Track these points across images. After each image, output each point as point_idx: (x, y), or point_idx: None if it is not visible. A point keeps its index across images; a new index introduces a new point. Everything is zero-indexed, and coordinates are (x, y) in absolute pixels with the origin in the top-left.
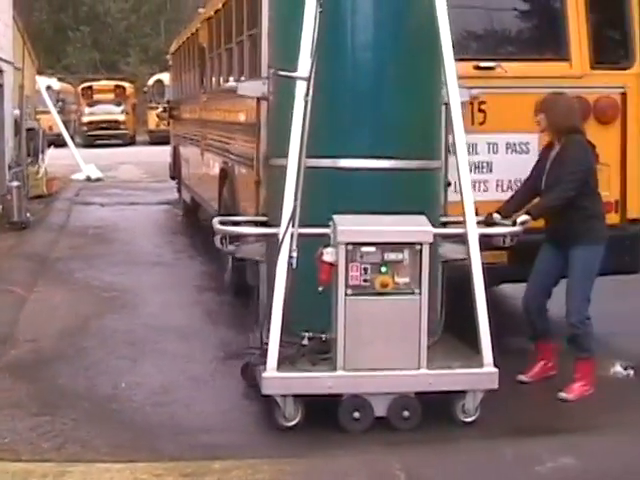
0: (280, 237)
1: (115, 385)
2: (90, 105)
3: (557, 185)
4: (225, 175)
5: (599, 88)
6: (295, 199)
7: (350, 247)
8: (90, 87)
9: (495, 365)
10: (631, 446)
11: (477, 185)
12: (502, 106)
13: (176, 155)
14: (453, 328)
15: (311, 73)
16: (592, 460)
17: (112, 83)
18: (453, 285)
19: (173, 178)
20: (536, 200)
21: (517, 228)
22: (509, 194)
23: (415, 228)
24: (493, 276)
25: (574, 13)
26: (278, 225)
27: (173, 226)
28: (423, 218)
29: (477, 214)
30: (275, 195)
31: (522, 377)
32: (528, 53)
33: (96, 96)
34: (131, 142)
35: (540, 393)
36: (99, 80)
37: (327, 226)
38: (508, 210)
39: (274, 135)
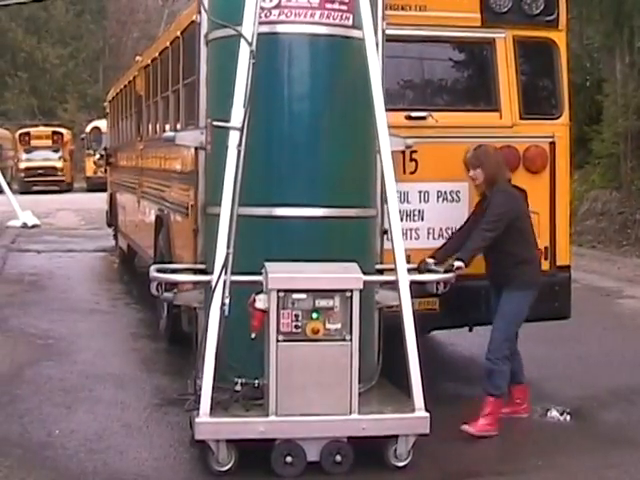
0: (213, 284)
1: (49, 432)
2: (27, 151)
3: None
4: (161, 223)
5: (528, 138)
6: (228, 247)
7: (281, 294)
8: (27, 133)
9: (427, 410)
10: None
11: (409, 233)
12: (433, 155)
13: (113, 202)
14: (391, 374)
15: (244, 123)
16: None
17: (49, 129)
18: (392, 332)
19: (110, 225)
20: None
21: (448, 275)
22: (440, 242)
23: (345, 275)
24: (425, 323)
25: (504, 65)
26: (213, 270)
27: (110, 273)
28: (354, 265)
29: (409, 261)
30: (213, 243)
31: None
32: (459, 103)
33: (33, 142)
34: (68, 189)
35: (472, 438)
36: (36, 126)
37: (262, 274)
38: (442, 256)
39: (212, 184)
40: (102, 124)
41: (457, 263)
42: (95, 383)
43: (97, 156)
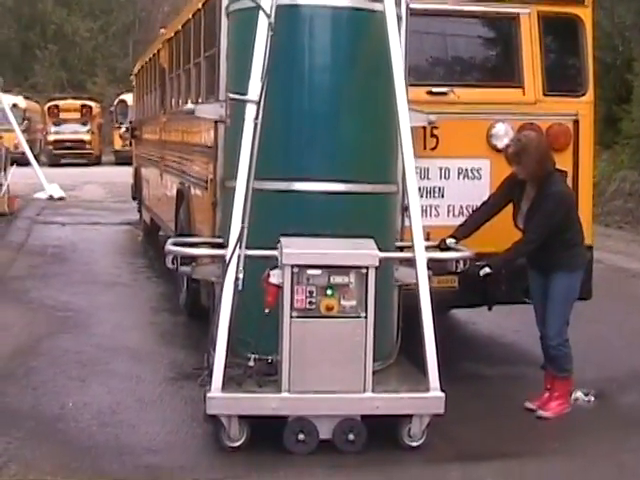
0: (227, 259)
1: (62, 405)
2: (56, 124)
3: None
4: (181, 196)
5: (552, 115)
6: (243, 221)
7: (296, 269)
8: (56, 106)
9: (442, 390)
10: (579, 473)
11: (429, 210)
12: (454, 131)
13: (137, 176)
14: (411, 353)
15: (261, 96)
16: None
17: (78, 102)
18: (413, 309)
19: (134, 199)
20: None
21: (467, 253)
22: (461, 219)
23: (361, 252)
24: (443, 301)
25: (528, 40)
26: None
27: (133, 247)
28: (371, 242)
29: (428, 239)
30: (231, 217)
31: (529, 404)
32: (482, 79)
33: (62, 115)
34: (97, 162)
35: (489, 418)
36: (65, 99)
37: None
38: (462, 234)
39: (231, 158)
40: (129, 97)
41: (486, 269)
42: (111, 356)
43: (123, 129)
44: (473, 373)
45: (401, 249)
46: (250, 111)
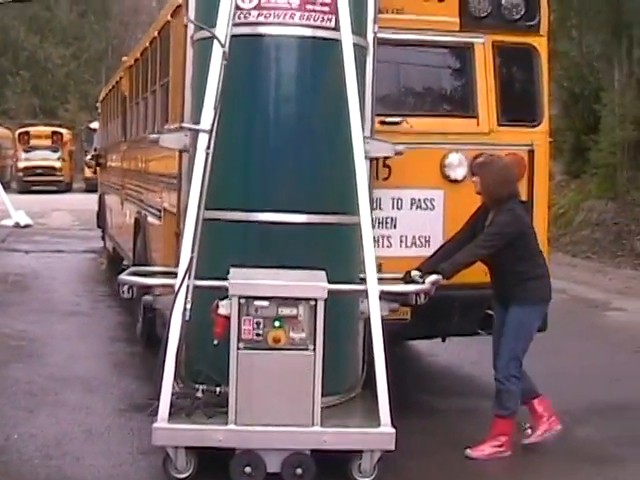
0: (176, 288)
1: (7, 436)
2: (26, 151)
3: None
4: (138, 225)
5: (506, 145)
6: (192, 251)
7: (243, 300)
8: (27, 132)
9: (393, 425)
10: None
11: (381, 240)
12: (407, 161)
13: (102, 204)
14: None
15: (213, 125)
16: None
17: (49, 129)
18: (402, 339)
19: (99, 226)
20: None
21: (424, 286)
22: (413, 250)
23: (309, 283)
24: (395, 333)
25: (482, 70)
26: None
27: (96, 275)
28: (321, 273)
29: (380, 270)
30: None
31: (527, 441)
32: (435, 109)
33: (33, 142)
34: (67, 189)
35: (442, 452)
36: (36, 126)
37: None
38: (429, 267)
39: None
40: (95, 125)
41: (434, 277)
42: (62, 386)
43: (88, 157)
44: (428, 406)
45: (363, 280)
46: (202, 140)
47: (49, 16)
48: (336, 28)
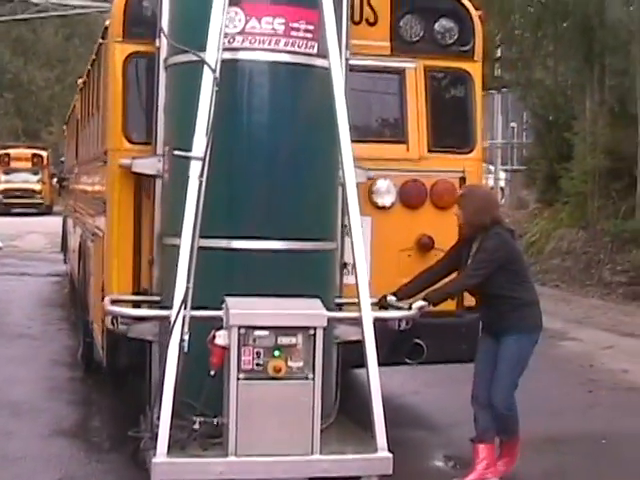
0: (172, 320)
1: None
2: (6, 173)
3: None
4: (80, 249)
5: (436, 172)
6: (188, 281)
7: (242, 330)
8: (7, 154)
9: (390, 450)
10: None
11: None
12: None
13: (64, 227)
14: (347, 410)
15: (206, 153)
16: None
17: (29, 151)
18: (349, 366)
19: (62, 250)
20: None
21: (412, 312)
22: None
23: (309, 312)
24: (351, 357)
25: (413, 95)
26: (170, 304)
27: (55, 298)
28: (317, 302)
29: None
30: (168, 274)
31: None
32: (364, 135)
33: (13, 164)
34: (48, 211)
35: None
36: (17, 148)
37: (222, 308)
38: (405, 294)
39: (168, 214)
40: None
41: (420, 303)
42: None
43: (54, 180)
44: (417, 436)
45: (340, 306)
46: (195, 168)
47: (34, 38)
48: (318, 54)
